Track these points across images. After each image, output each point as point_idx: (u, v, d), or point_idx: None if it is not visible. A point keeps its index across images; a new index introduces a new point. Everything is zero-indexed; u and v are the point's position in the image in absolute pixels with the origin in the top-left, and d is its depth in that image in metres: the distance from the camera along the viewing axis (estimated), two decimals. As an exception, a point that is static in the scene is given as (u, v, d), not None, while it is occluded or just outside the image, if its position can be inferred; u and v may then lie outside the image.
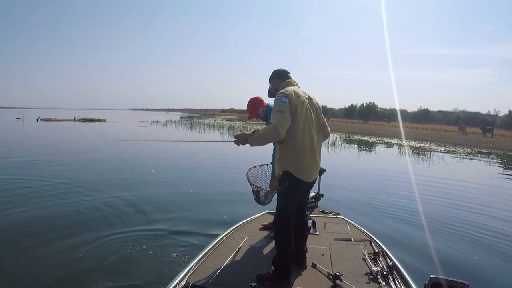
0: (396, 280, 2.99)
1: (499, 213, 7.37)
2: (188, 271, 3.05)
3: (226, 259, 3.37)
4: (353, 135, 31.33)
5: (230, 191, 8.10)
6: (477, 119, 60.25)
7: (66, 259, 4.35)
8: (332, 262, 3.42)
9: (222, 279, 2.99)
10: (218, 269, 3.16)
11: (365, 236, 4.09)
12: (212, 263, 3.28)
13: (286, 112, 2.84)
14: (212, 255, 3.45)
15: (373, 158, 16.54)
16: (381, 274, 3.06)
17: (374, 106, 77.44)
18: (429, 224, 6.24)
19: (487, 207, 7.77)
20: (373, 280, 3.02)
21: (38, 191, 7.44)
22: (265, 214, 4.79)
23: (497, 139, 33.54)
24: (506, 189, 10.61)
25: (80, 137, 22.95)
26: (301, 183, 3.01)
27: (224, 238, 3.91)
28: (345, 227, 4.43)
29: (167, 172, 10.29)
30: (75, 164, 11.10)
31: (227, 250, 3.58)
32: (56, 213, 6.06)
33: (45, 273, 4.01)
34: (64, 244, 4.79)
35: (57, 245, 4.75)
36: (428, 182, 10.37)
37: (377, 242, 3.86)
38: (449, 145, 25.40)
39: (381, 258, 3.42)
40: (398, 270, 3.15)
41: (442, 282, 2.55)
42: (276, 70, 3.34)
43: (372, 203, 7.61)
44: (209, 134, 28.01)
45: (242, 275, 3.08)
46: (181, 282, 2.86)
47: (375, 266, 3.23)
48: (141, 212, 6.30)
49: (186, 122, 44.63)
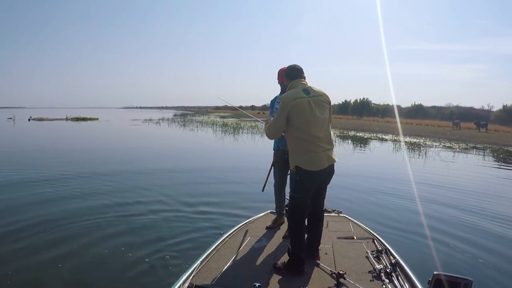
0: (399, 277, 2.99)
1: (502, 209, 7.39)
2: (192, 272, 3.03)
3: (229, 260, 3.35)
4: (348, 131, 31.38)
5: (231, 191, 8.07)
6: (471, 114, 60.45)
7: (66, 260, 4.32)
8: (335, 260, 3.43)
9: (225, 280, 2.98)
10: (222, 269, 3.15)
11: (368, 234, 4.09)
12: (215, 264, 3.26)
13: (275, 118, 3.20)
14: (215, 256, 3.44)
15: (371, 155, 16.57)
16: (385, 271, 3.07)
17: (368, 101, 77.65)
18: (431, 221, 6.27)
19: (489, 204, 7.80)
20: (377, 278, 3.02)
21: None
22: (268, 213, 4.77)
23: (492, 134, 33.85)
24: (507, 186, 10.67)
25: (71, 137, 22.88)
26: (311, 174, 3.15)
27: (227, 238, 3.89)
28: (348, 226, 4.42)
29: (167, 172, 10.23)
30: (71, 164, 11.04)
31: (230, 251, 3.57)
32: (53, 212, 6.07)
33: (50, 274, 3.99)
34: (63, 244, 4.77)
35: (55, 244, 4.73)
36: (428, 179, 10.41)
37: (380, 240, 3.87)
38: (444, 140, 25.53)
39: (384, 255, 3.43)
40: (402, 268, 3.15)
41: (446, 278, 2.55)
42: (288, 69, 3.46)
43: (374, 201, 7.62)
44: (202, 132, 27.98)
45: (245, 276, 3.07)
46: (184, 284, 2.85)
47: (378, 264, 3.23)
48: (142, 212, 6.27)
49: (179, 120, 44.46)
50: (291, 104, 3.13)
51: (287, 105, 3.13)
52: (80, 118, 45.79)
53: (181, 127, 32.57)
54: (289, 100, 3.15)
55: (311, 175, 3.16)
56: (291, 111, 3.12)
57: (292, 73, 3.39)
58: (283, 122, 3.18)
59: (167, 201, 7.05)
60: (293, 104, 3.12)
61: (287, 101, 3.14)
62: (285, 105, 3.14)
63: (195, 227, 5.62)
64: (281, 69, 4.12)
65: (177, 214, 6.24)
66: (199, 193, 7.83)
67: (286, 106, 3.13)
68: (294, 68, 3.40)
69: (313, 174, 3.15)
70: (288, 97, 3.18)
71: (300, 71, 3.38)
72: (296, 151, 3.21)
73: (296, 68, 3.40)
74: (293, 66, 3.43)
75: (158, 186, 8.38)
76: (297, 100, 3.14)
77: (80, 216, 5.92)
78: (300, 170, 3.15)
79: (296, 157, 3.20)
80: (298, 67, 3.40)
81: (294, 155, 3.22)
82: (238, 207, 6.76)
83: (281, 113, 3.15)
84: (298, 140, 3.18)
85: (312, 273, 3.17)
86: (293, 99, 3.15)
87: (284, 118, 3.15)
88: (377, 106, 76.46)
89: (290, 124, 3.17)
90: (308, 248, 3.41)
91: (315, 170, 3.15)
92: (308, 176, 3.16)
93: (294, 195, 3.24)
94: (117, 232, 5.28)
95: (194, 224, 5.74)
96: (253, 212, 4.91)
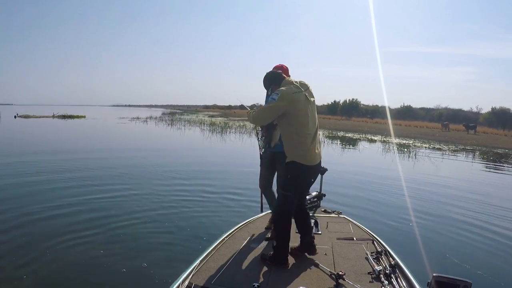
0: (399, 279, 3.00)
1: (501, 212, 7.48)
2: (191, 272, 3.01)
3: (229, 260, 3.34)
4: (337, 132, 31.50)
5: (231, 191, 7.98)
6: (459, 116, 61.33)
7: (65, 259, 4.26)
8: (334, 261, 3.42)
9: (224, 280, 2.96)
10: (221, 269, 3.13)
11: (368, 235, 4.09)
12: (214, 264, 3.24)
13: (270, 107, 3.17)
14: (215, 256, 3.42)
15: (367, 156, 16.62)
16: (384, 273, 3.07)
17: (357, 102, 78.12)
18: (431, 223, 6.33)
19: (489, 207, 7.86)
20: (376, 279, 3.02)
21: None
22: (268, 213, 4.73)
23: (480, 136, 34.42)
24: (502, 187, 10.83)
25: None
26: (309, 169, 3.25)
27: (226, 238, 3.87)
28: (348, 227, 4.43)
29: (166, 171, 10.10)
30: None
31: (230, 251, 3.55)
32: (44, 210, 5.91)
33: (45, 271, 3.95)
34: (62, 244, 4.69)
35: (53, 244, 4.65)
36: (426, 181, 10.50)
37: (379, 241, 3.88)
38: (434, 142, 25.83)
39: (383, 257, 3.43)
40: (401, 269, 3.16)
41: (445, 280, 2.57)
42: (270, 77, 3.47)
43: (373, 202, 7.63)
44: (190, 130, 27.87)
45: (244, 276, 3.06)
46: (183, 283, 2.83)
47: (377, 265, 3.24)
48: (141, 212, 6.19)
49: (167, 119, 44.11)
50: (291, 98, 3.12)
51: (287, 99, 3.11)
52: (67, 115, 45.19)
53: (168, 126, 32.34)
54: (289, 93, 3.13)
55: (308, 170, 3.25)
56: (290, 106, 3.11)
57: (276, 78, 3.40)
58: (276, 115, 3.18)
59: (165, 201, 6.96)
60: (292, 98, 3.12)
61: (287, 96, 3.12)
62: (285, 99, 3.11)
63: (194, 226, 5.58)
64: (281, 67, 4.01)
65: (176, 213, 6.18)
66: (197, 192, 7.73)
67: (286, 100, 3.10)
68: (274, 73, 3.45)
69: (310, 169, 3.26)
70: (289, 91, 3.16)
71: (280, 74, 3.42)
72: (293, 145, 3.23)
73: (275, 72, 3.46)
74: (274, 71, 3.48)
75: (156, 185, 8.28)
76: (296, 94, 3.16)
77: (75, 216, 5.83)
78: (297, 165, 3.19)
79: (294, 152, 3.22)
80: (277, 71, 3.46)
81: (292, 150, 3.23)
82: (237, 206, 6.73)
83: (278, 105, 3.12)
84: (295, 135, 3.20)
85: (311, 273, 3.16)
86: (293, 93, 3.15)
87: (279, 111, 3.14)
88: (366, 107, 77.07)
89: (288, 120, 3.17)
90: (302, 245, 3.52)
91: (311, 165, 3.25)
92: (304, 171, 3.24)
93: (283, 192, 3.32)
94: (116, 232, 5.20)
95: (193, 224, 5.70)
96: (253, 212, 4.89)
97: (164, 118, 45.63)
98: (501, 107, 56.54)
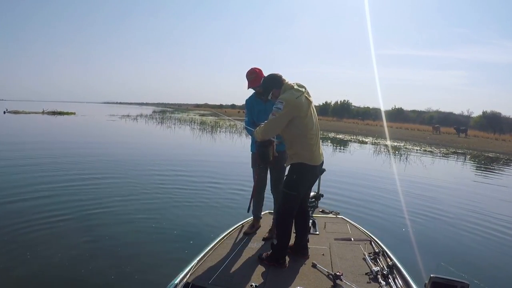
0: (396, 279, 3.01)
1: (496, 213, 7.56)
2: (188, 271, 3.00)
3: (226, 259, 3.33)
4: (328, 133, 31.59)
5: (230, 191, 7.96)
6: (450, 119, 62.01)
7: (64, 259, 4.21)
8: (332, 261, 3.42)
9: (222, 279, 2.95)
10: (218, 269, 3.12)
11: (365, 236, 4.11)
12: (212, 263, 3.23)
13: (278, 118, 3.09)
14: (212, 255, 3.41)
15: (356, 158, 16.66)
16: (381, 273, 3.08)
17: (349, 104, 78.44)
18: (429, 224, 6.38)
19: (486, 209, 7.94)
20: (373, 280, 3.03)
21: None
22: (266, 213, 4.72)
23: (471, 139, 34.80)
24: (497, 191, 10.89)
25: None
26: (314, 169, 3.29)
27: (224, 238, 3.87)
28: (345, 227, 4.43)
29: (166, 171, 10.03)
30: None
31: (227, 250, 3.55)
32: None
33: (42, 271, 3.92)
34: (60, 243, 4.64)
35: (52, 244, 4.61)
36: (418, 182, 10.60)
37: (377, 241, 3.89)
38: (425, 144, 26.08)
39: (381, 257, 3.44)
40: (398, 270, 3.17)
41: (442, 281, 2.57)
42: (270, 79, 3.38)
43: (371, 203, 7.65)
44: (179, 129, 27.75)
45: (242, 275, 3.05)
46: (180, 282, 2.82)
47: (375, 266, 3.25)
48: (138, 211, 6.14)
49: (158, 117, 43.83)
50: (295, 104, 3.11)
51: (292, 106, 3.09)
52: (56, 112, 44.59)
53: (158, 124, 32.15)
54: (293, 99, 3.11)
55: (312, 170, 3.28)
56: (296, 112, 3.11)
57: (277, 82, 3.33)
58: (285, 124, 3.14)
59: (164, 201, 6.92)
60: (297, 104, 3.11)
61: (292, 102, 3.10)
62: (291, 106, 3.09)
63: (192, 226, 5.56)
64: (254, 72, 3.91)
65: (174, 213, 6.14)
66: (196, 192, 7.67)
67: (292, 107, 3.09)
68: (274, 76, 3.36)
69: (314, 169, 3.29)
70: (292, 97, 3.13)
71: (280, 77, 3.35)
72: (300, 148, 3.22)
73: (275, 75, 3.37)
74: (274, 74, 3.39)
75: (156, 185, 8.19)
76: (299, 98, 3.15)
77: (68, 215, 5.76)
78: (303, 165, 3.21)
79: (301, 153, 3.22)
80: (276, 74, 3.37)
81: (298, 152, 3.23)
82: (236, 206, 6.69)
83: (286, 114, 3.09)
84: (302, 137, 3.20)
85: (309, 274, 3.16)
86: (296, 98, 3.13)
87: (288, 119, 3.12)
88: (357, 109, 77.39)
89: (294, 124, 3.15)
90: (296, 246, 3.52)
91: (316, 165, 3.29)
92: (309, 171, 3.26)
93: (288, 192, 3.28)
94: (113, 231, 5.16)
95: (191, 223, 5.68)
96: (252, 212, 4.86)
97: (154, 116, 45.33)
98: (492, 111, 57.52)
